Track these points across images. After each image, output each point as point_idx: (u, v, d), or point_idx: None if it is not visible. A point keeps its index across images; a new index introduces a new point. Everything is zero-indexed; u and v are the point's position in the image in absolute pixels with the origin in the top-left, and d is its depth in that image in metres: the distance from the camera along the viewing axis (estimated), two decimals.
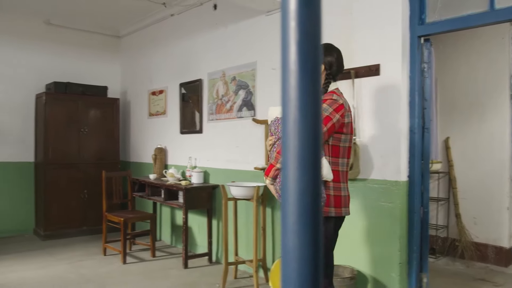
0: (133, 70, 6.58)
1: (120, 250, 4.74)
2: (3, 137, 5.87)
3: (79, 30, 6.46)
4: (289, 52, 0.42)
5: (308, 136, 0.41)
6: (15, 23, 5.96)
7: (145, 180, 5.18)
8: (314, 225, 0.40)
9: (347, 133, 2.36)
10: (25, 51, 6.06)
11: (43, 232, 5.75)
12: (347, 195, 2.40)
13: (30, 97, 6.10)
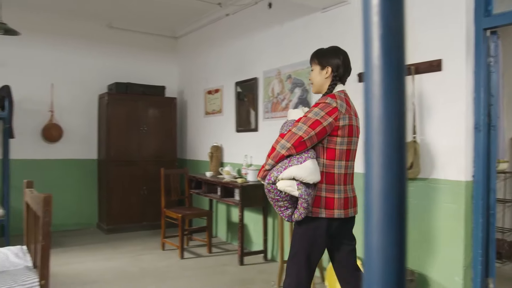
0: (190, 69, 6.73)
1: (178, 245, 4.86)
2: (69, 136, 6.18)
3: (139, 32, 6.69)
4: (372, 47, 0.42)
5: (393, 134, 0.40)
6: (80, 27, 6.26)
7: (202, 177, 5.28)
8: (400, 223, 0.39)
9: (344, 136, 2.36)
10: (89, 54, 6.35)
11: (106, 226, 6.01)
12: (346, 197, 2.40)
13: (93, 97, 6.39)
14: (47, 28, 6.01)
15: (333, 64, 2.48)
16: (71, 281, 3.96)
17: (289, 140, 2.28)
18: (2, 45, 5.59)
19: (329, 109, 2.32)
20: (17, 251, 2.88)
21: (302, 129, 2.29)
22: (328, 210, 2.35)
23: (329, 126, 2.31)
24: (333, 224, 2.39)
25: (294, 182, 2.25)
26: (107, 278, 4.10)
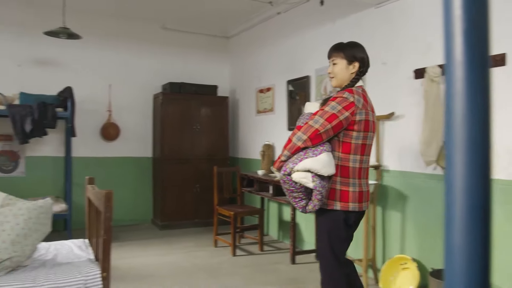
0: (241, 69, 6.78)
1: (230, 242, 4.92)
2: (125, 134, 6.41)
3: (192, 33, 6.82)
4: (455, 42, 0.40)
5: (478, 131, 0.38)
6: (136, 30, 6.47)
7: (254, 175, 5.31)
8: (484, 221, 0.37)
9: (360, 131, 2.39)
10: (144, 55, 6.55)
11: (160, 222, 6.18)
12: (360, 190, 2.42)
13: (149, 97, 6.58)
14: (106, 31, 6.25)
15: (361, 60, 2.51)
16: (128, 274, 4.10)
17: (306, 132, 2.31)
18: (65, 48, 5.87)
19: (346, 103, 2.35)
20: (80, 244, 3.02)
21: (318, 122, 2.32)
22: (343, 203, 2.38)
23: (346, 120, 2.34)
24: (350, 216, 2.42)
25: (309, 174, 2.27)
26: (162, 273, 4.21)
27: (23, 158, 5.84)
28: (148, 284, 3.89)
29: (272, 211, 5.82)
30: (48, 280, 2.27)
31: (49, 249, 2.89)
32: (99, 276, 2.36)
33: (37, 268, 2.46)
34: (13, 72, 5.73)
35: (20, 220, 2.38)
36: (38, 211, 2.46)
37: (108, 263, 2.36)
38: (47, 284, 2.24)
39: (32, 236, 2.41)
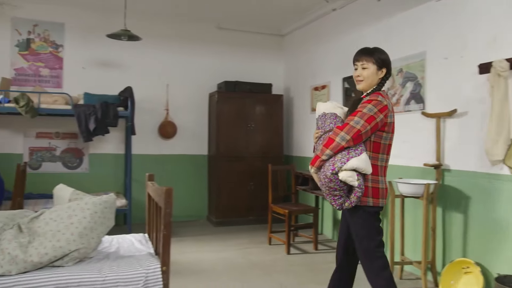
0: (296, 66, 6.75)
1: (285, 240, 4.91)
2: (182, 133, 6.57)
3: (246, 31, 6.88)
4: None
5: None
6: (192, 30, 6.62)
7: (308, 174, 5.26)
8: None
9: (389, 132, 2.55)
10: (200, 55, 6.68)
11: (215, 219, 6.28)
12: (385, 187, 2.59)
13: (204, 96, 6.71)
14: (164, 32, 6.44)
15: (388, 66, 2.66)
16: (184, 269, 4.20)
17: (349, 132, 2.42)
18: (126, 50, 6.12)
19: (381, 106, 2.48)
20: (140, 239, 3.13)
21: (359, 123, 2.43)
22: (375, 199, 2.53)
23: (380, 122, 2.49)
24: (378, 211, 2.59)
25: (354, 173, 2.40)
26: (217, 269, 4.28)
27: (87, 155, 6.14)
28: (204, 279, 3.97)
29: (326, 210, 5.76)
30: (112, 271, 2.37)
31: (112, 242, 3.01)
32: (159, 270, 2.43)
33: (102, 260, 2.58)
34: (78, 74, 6.03)
35: (86, 214, 2.50)
36: (103, 205, 2.58)
37: (167, 258, 2.43)
38: (111, 275, 2.34)
39: (97, 229, 2.52)
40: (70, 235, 2.40)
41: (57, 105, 5.28)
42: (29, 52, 5.86)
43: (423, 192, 3.63)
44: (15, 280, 2.22)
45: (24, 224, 2.52)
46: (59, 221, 2.47)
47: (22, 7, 5.77)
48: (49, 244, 2.36)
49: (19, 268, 2.28)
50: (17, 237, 2.41)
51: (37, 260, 2.30)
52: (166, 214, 2.37)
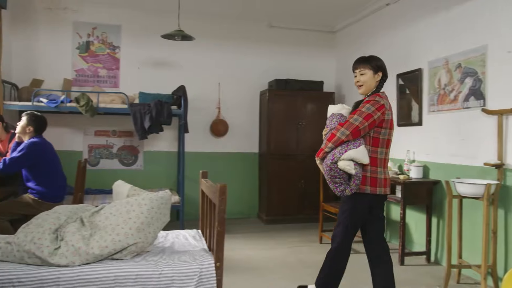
0: (348, 63, 6.62)
1: None
2: (233, 131, 6.64)
3: (297, 29, 6.85)
4: None
5: None
6: (243, 29, 6.67)
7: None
8: None
9: (386, 128, 2.93)
10: (251, 53, 6.73)
11: (265, 217, 6.31)
12: (384, 178, 2.95)
13: (255, 94, 6.74)
14: (216, 32, 6.53)
15: (383, 70, 3.08)
16: (236, 266, 4.24)
17: (348, 128, 2.82)
18: (179, 50, 6.26)
19: (378, 105, 2.87)
20: (194, 234, 3.19)
21: (358, 120, 2.84)
22: (372, 187, 2.90)
23: (378, 119, 2.87)
24: (374, 198, 2.94)
25: (351, 162, 2.78)
26: (268, 266, 4.29)
27: (142, 153, 6.34)
28: (255, 276, 3.99)
29: None
30: (167, 266, 2.43)
31: (167, 237, 3.09)
32: (213, 266, 2.47)
33: (158, 254, 2.65)
34: (134, 74, 6.24)
35: (144, 209, 2.58)
36: (159, 201, 2.65)
37: (221, 254, 2.47)
38: (167, 269, 2.40)
39: (154, 224, 2.60)
40: (128, 230, 2.49)
41: (114, 104, 5.49)
42: (88, 54, 6.12)
43: (483, 193, 3.47)
44: (79, 271, 2.33)
45: (86, 218, 2.65)
46: (118, 215, 2.57)
47: (83, 11, 6.04)
48: (109, 237, 2.46)
49: (82, 259, 2.39)
50: (80, 230, 2.53)
51: (98, 252, 2.41)
52: (220, 211, 2.41)
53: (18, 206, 4.15)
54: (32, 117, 4.23)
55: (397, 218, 5.10)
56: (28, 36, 5.88)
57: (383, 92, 3.04)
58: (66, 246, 2.41)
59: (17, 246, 2.41)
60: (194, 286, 2.41)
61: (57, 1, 5.94)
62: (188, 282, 2.40)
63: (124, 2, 5.97)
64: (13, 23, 5.73)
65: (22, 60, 5.82)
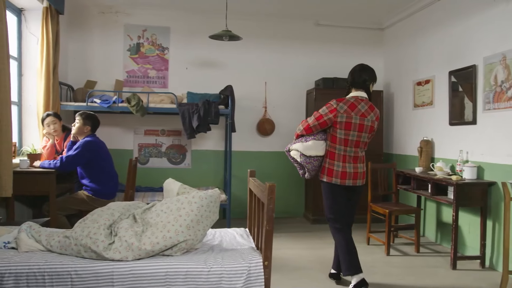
0: (397, 61, 6.48)
1: (384, 241, 4.76)
2: (280, 130, 6.64)
3: (345, 27, 6.76)
4: None
5: None
6: (290, 28, 6.65)
7: (411, 173, 5.04)
8: None
9: (342, 129, 3.43)
10: (298, 52, 6.70)
11: (311, 216, 6.27)
12: (342, 171, 3.47)
13: (302, 93, 6.71)
14: (262, 31, 6.55)
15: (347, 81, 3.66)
16: (282, 265, 4.25)
17: (302, 125, 3.51)
18: (226, 49, 6.33)
19: (331, 108, 3.44)
20: (242, 233, 3.22)
21: (311, 119, 3.49)
22: (328, 177, 3.51)
23: (329, 120, 3.43)
24: (336, 188, 3.52)
25: (298, 152, 3.49)
26: (314, 266, 4.27)
27: (189, 152, 6.46)
28: (302, 276, 3.99)
29: (429, 211, 5.46)
30: (216, 263, 2.46)
31: (215, 235, 3.14)
32: (261, 264, 2.48)
33: (207, 251, 2.70)
34: (182, 74, 6.38)
35: (194, 207, 2.63)
36: (209, 200, 2.69)
37: (269, 253, 2.47)
38: (216, 267, 2.44)
39: (203, 222, 2.64)
40: (178, 227, 2.55)
41: (163, 104, 5.62)
42: (138, 56, 6.30)
43: None
44: (131, 266, 2.41)
45: (138, 214, 2.73)
46: (169, 213, 2.63)
47: (134, 14, 6.23)
48: (160, 234, 2.52)
49: (134, 255, 2.47)
50: (133, 226, 2.61)
51: (150, 248, 2.48)
52: (269, 209, 2.41)
53: (74, 202, 4.35)
54: (88, 117, 4.42)
55: (448, 220, 4.93)
56: (83, 40, 6.13)
57: (354, 97, 3.50)
58: (119, 241, 2.49)
59: (75, 240, 2.52)
60: (243, 284, 2.42)
61: (110, 5, 6.16)
62: (236, 280, 2.43)
63: (173, 4, 6.10)
64: (70, 27, 6.00)
65: (77, 63, 6.08)
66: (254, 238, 3.00)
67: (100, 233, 2.53)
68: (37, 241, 2.64)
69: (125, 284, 2.38)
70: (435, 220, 5.35)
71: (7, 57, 3.70)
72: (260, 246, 2.65)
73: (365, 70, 3.66)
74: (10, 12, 4.73)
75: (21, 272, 2.33)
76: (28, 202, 4.78)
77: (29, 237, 2.66)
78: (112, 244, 2.50)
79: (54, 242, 2.60)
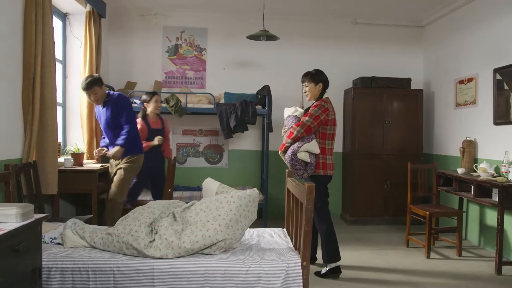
0: (437, 59, 6.31)
1: (424, 244, 4.64)
2: None
3: (383, 25, 6.64)
4: None
5: None
6: (327, 27, 6.60)
7: (453, 174, 4.89)
8: None
9: (331, 125, 3.92)
10: (335, 51, 6.63)
11: (349, 217, 6.19)
12: (331, 162, 3.95)
13: (339, 93, 6.63)
14: (299, 30, 6.53)
15: (323, 81, 4.03)
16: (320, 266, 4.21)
17: (302, 127, 3.81)
18: (263, 49, 6.34)
19: (323, 108, 3.86)
20: (279, 233, 3.22)
21: (309, 121, 3.81)
22: (324, 170, 3.90)
23: (323, 119, 3.85)
24: (330, 177, 3.97)
25: (307, 153, 3.78)
26: (353, 268, 4.21)
27: (226, 151, 6.51)
28: (340, 277, 3.94)
29: (472, 214, 5.29)
30: (254, 263, 2.48)
31: (253, 234, 3.16)
32: (300, 265, 2.48)
33: (245, 251, 2.71)
34: (219, 74, 6.44)
35: (232, 206, 2.65)
36: (247, 199, 2.70)
37: (308, 253, 2.46)
38: (254, 266, 2.45)
39: (241, 222, 2.66)
40: (217, 226, 2.57)
41: (201, 104, 5.69)
42: (177, 57, 6.41)
43: None
44: (171, 264, 2.46)
45: (178, 213, 2.78)
46: (208, 212, 2.66)
47: (172, 16, 6.35)
48: (200, 233, 2.55)
49: (174, 252, 2.51)
50: (172, 225, 2.65)
51: (189, 246, 2.51)
52: (307, 210, 2.40)
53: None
54: None
55: (493, 224, 4.76)
56: (123, 42, 6.29)
57: (327, 97, 3.99)
58: (160, 239, 2.54)
59: (117, 237, 2.59)
60: (281, 284, 2.43)
61: (149, 8, 6.29)
62: (274, 280, 2.43)
63: (210, 6, 6.17)
64: (111, 30, 6.17)
65: (118, 64, 6.24)
66: (292, 238, 2.99)
67: (141, 231, 2.59)
68: (81, 238, 2.74)
69: (165, 281, 2.42)
70: (478, 223, 5.17)
71: (53, 60, 3.85)
72: (299, 246, 2.64)
73: None
74: (56, 17, 4.91)
75: (66, 267, 2.42)
76: (71, 199, 4.95)
77: (74, 233, 2.75)
78: (152, 241, 2.56)
79: (97, 239, 2.68)
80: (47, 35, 3.74)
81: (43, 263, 2.32)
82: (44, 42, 3.71)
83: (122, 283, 2.42)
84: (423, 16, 6.47)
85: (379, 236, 5.51)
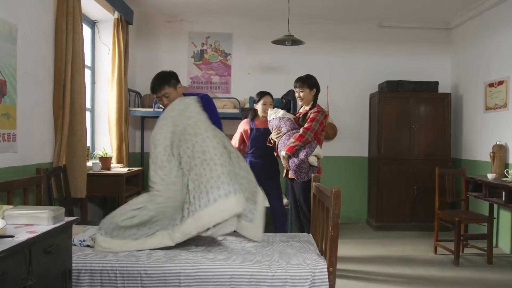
0: (466, 62, 6.19)
1: (453, 251, 4.54)
2: (342, 134, 6.55)
3: (409, 28, 6.55)
4: None
5: None
6: (352, 31, 6.56)
7: (482, 179, 4.77)
8: None
9: (324, 131, 4.13)
10: (360, 55, 6.58)
11: (375, 223, 6.11)
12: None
13: (364, 96, 6.58)
14: (324, 34, 6.51)
15: (316, 86, 4.16)
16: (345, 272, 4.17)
17: (312, 132, 3.90)
18: (288, 53, 6.33)
19: (324, 114, 4.05)
20: (305, 238, 3.20)
21: (316, 126, 3.94)
22: (318, 174, 3.82)
23: (324, 125, 4.04)
24: None
25: (316, 157, 3.91)
26: (380, 274, 4.16)
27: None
28: (367, 284, 3.89)
29: (503, 221, 5.15)
30: (280, 268, 2.47)
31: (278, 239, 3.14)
32: (326, 270, 2.46)
33: (270, 255, 2.71)
34: (244, 79, 6.47)
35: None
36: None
37: (334, 259, 2.44)
38: (280, 271, 2.44)
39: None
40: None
41: (227, 109, 5.72)
42: (202, 62, 6.47)
43: None
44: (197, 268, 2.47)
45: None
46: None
47: (197, 22, 6.42)
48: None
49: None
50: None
51: None
52: (334, 215, 2.39)
53: None
54: None
55: None
56: (150, 48, 6.39)
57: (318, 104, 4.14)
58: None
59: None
60: None
61: (175, 14, 6.38)
62: (300, 286, 2.42)
63: (235, 11, 6.21)
64: (137, 37, 6.28)
65: (145, 70, 6.33)
66: (317, 244, 2.97)
67: None
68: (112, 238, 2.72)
69: (191, 285, 2.44)
70: (510, 230, 5.03)
71: (82, 67, 3.94)
72: (325, 252, 2.62)
73: None
74: (85, 25, 5.02)
75: (95, 269, 2.47)
76: (99, 202, 5.04)
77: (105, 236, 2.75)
78: None
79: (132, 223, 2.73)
80: (77, 42, 3.83)
81: (73, 265, 2.37)
82: (74, 49, 3.80)
83: (149, 285, 2.45)
84: (450, 19, 6.36)
85: (406, 242, 5.42)
